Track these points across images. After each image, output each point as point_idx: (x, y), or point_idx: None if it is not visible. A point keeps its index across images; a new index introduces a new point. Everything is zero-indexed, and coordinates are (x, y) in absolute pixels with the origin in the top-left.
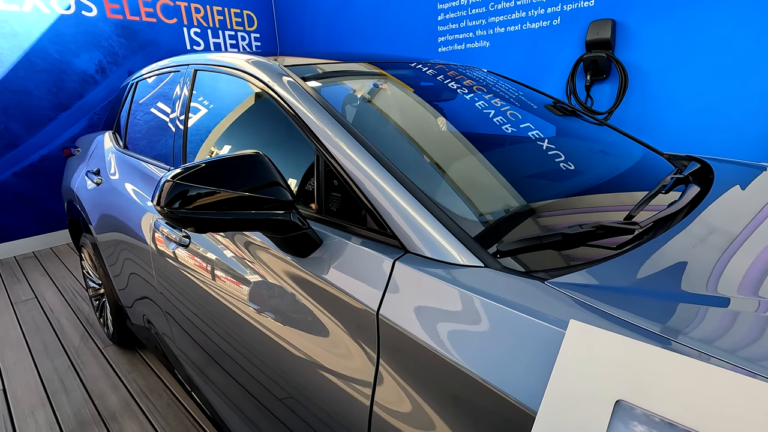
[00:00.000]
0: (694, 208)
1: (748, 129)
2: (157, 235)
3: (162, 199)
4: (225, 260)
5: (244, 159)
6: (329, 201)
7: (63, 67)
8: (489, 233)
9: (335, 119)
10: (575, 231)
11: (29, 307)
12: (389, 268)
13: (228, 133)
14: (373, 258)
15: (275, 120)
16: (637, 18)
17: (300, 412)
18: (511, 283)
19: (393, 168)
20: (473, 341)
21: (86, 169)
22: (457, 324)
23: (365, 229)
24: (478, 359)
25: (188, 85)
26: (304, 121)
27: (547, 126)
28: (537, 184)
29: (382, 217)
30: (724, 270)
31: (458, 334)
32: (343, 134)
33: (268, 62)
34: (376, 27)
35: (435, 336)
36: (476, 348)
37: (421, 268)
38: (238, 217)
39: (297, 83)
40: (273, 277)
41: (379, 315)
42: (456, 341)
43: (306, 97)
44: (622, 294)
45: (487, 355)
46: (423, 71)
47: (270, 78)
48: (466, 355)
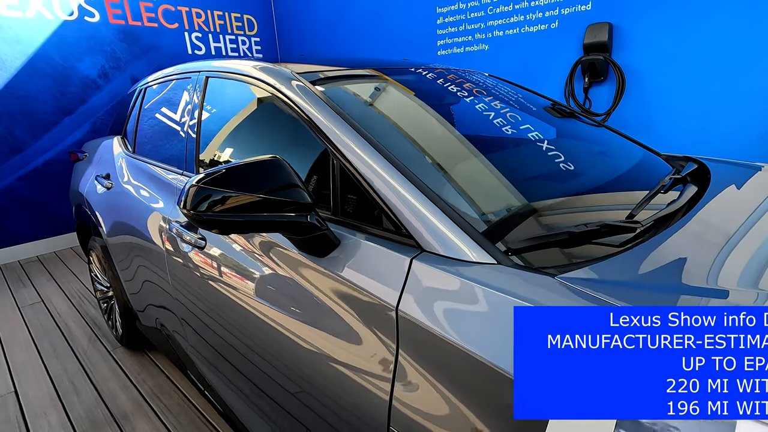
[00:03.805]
0: (693, 207)
1: (742, 130)
2: (171, 237)
3: (188, 202)
4: (242, 261)
5: (264, 163)
6: (344, 203)
7: (66, 72)
8: (499, 232)
9: (350, 124)
10: (581, 229)
11: (36, 310)
12: (407, 265)
13: (241, 138)
14: (391, 257)
15: (288, 125)
16: (633, 21)
17: (319, 408)
18: (524, 278)
19: (407, 170)
20: (491, 334)
21: (96, 173)
22: (475, 317)
23: (380, 229)
24: (496, 351)
25: (200, 91)
26: (319, 127)
27: (550, 128)
28: (541, 185)
29: (397, 218)
30: (723, 264)
31: (477, 327)
32: (358, 139)
33: (280, 68)
34: (375, 31)
35: (454, 329)
36: (495, 340)
37: (437, 265)
38: (261, 219)
39: (309, 89)
40: (291, 276)
41: (398, 311)
42: (475, 334)
43: (319, 102)
44: (628, 288)
45: (505, 346)
46: (429, 76)
47: (282, 84)
48: (485, 348)
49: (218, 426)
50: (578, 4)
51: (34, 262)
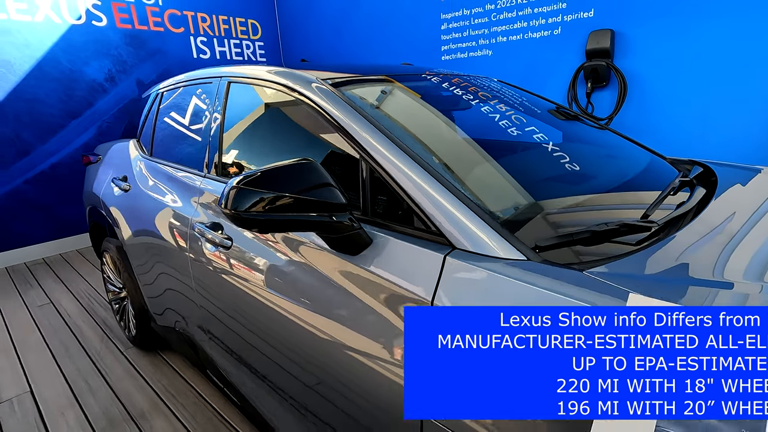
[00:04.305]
0: (703, 208)
1: (741, 134)
2: (193, 237)
3: (229, 203)
4: (270, 259)
5: (299, 166)
6: (374, 203)
7: (73, 76)
8: (526, 230)
9: (377, 128)
10: (602, 228)
11: (46, 311)
12: (440, 262)
13: (265, 141)
14: (424, 254)
15: (311, 129)
16: (634, 28)
17: (348, 404)
18: (555, 273)
19: (436, 173)
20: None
21: (112, 176)
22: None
23: (411, 228)
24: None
25: (222, 96)
26: (347, 131)
27: (568, 134)
28: (560, 187)
29: (429, 218)
30: (735, 260)
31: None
32: (387, 142)
33: (303, 74)
34: (378, 38)
35: None
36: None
37: (470, 261)
38: (298, 218)
39: (335, 93)
40: (321, 273)
41: (434, 304)
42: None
43: (346, 107)
44: (650, 282)
45: None
46: (444, 83)
47: (307, 89)
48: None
49: (235, 424)
50: (581, 11)
51: (40, 264)
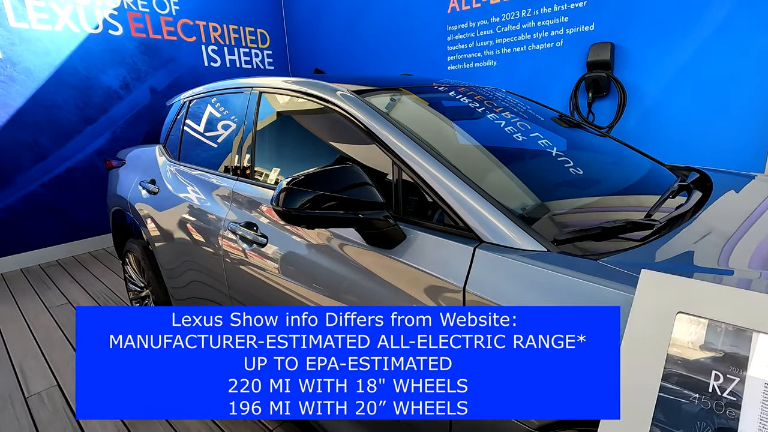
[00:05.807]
0: (699, 209)
1: (735, 141)
2: (227, 235)
3: (281, 201)
4: (306, 254)
5: (342, 169)
6: (406, 203)
7: (90, 83)
8: (542, 227)
9: (409, 136)
10: (611, 225)
11: (65, 311)
12: (470, 253)
13: (296, 147)
14: (456, 246)
15: (341, 136)
16: (634, 41)
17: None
18: (574, 262)
19: (464, 175)
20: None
21: (139, 179)
22: (535, 294)
23: (441, 224)
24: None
25: (254, 105)
26: (380, 138)
27: (581, 143)
28: (572, 190)
29: (458, 215)
30: (729, 252)
31: (537, 302)
32: (418, 149)
33: (334, 85)
34: (385, 49)
35: (517, 304)
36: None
37: (498, 253)
38: (341, 216)
39: (365, 103)
40: (360, 266)
41: (465, 290)
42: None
43: (377, 116)
44: (658, 268)
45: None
46: (459, 94)
47: (338, 99)
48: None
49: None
50: (582, 25)
51: (54, 266)
